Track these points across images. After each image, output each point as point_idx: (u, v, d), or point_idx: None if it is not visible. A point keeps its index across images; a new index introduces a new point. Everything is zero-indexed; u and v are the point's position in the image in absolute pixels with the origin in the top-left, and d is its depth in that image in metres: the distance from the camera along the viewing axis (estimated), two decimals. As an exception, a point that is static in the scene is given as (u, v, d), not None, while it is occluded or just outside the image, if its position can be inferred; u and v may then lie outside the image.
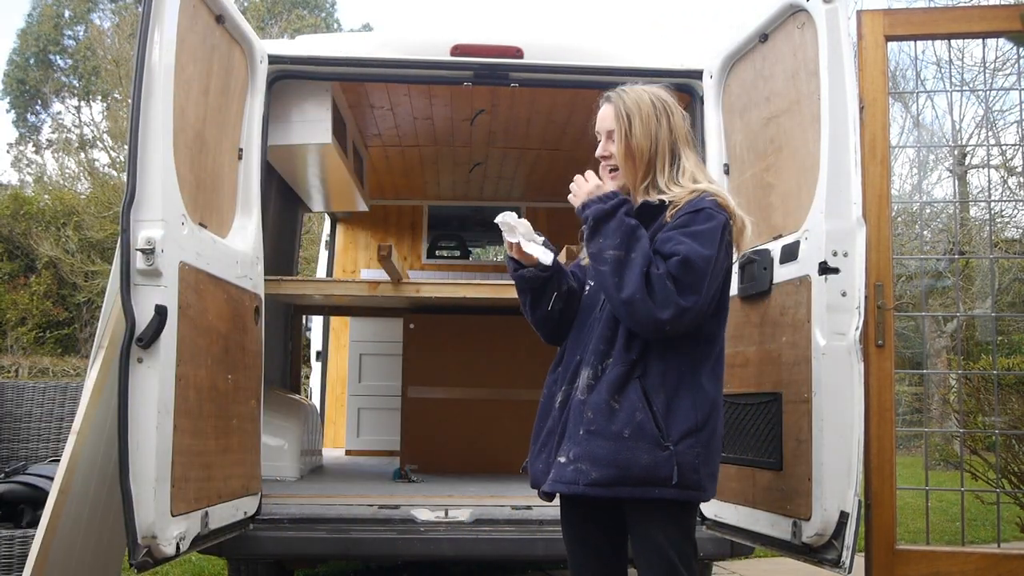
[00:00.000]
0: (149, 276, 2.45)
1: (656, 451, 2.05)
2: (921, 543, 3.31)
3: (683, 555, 2.10)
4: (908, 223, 12.91)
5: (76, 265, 16.96)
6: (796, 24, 2.79)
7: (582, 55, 3.60)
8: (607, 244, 2.11)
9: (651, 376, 2.11)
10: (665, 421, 2.08)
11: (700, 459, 2.08)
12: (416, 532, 3.17)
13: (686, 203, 2.17)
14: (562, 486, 2.15)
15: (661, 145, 2.24)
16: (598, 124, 2.33)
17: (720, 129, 3.31)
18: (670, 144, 2.25)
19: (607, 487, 2.08)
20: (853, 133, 2.56)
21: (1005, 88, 12.61)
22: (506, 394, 4.67)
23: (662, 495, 2.06)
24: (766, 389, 2.73)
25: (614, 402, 2.10)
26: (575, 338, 2.29)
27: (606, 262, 2.11)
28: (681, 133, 2.27)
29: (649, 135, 2.24)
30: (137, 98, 2.49)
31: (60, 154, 21.28)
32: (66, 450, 2.59)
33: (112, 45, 19.26)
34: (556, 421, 2.23)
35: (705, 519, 3.12)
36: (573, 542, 2.33)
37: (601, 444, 2.08)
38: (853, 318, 2.49)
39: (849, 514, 2.42)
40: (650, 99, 2.27)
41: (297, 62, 3.52)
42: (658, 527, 2.11)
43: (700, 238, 2.08)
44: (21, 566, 2.91)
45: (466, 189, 6.27)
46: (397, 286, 4.07)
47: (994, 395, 4.77)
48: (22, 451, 3.84)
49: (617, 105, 2.28)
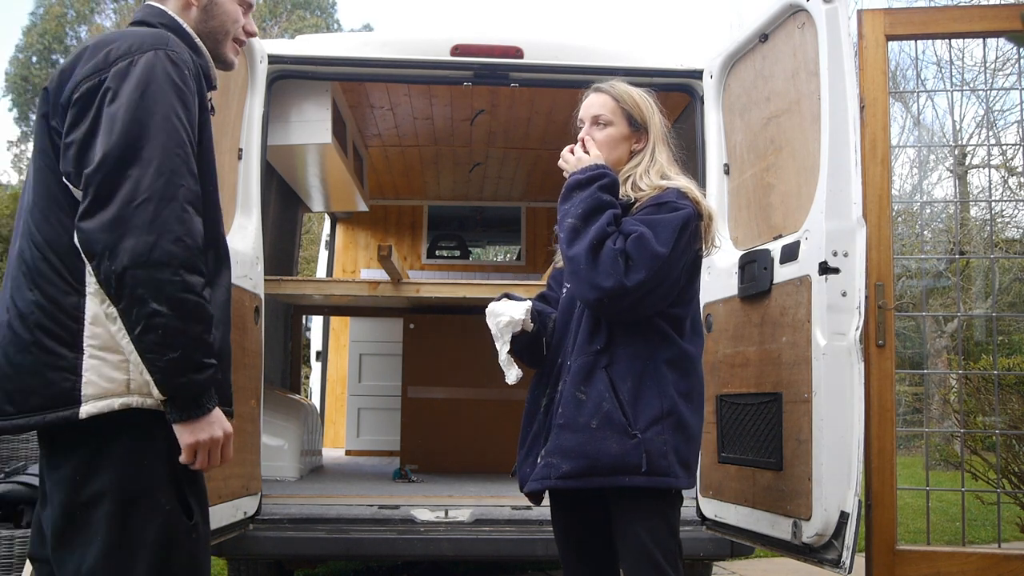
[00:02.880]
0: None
1: (624, 440, 2.07)
2: (921, 543, 3.31)
3: (666, 550, 2.10)
4: (908, 223, 12.91)
5: (76, 265, 16.94)
6: (796, 24, 2.79)
7: (582, 55, 3.60)
8: (570, 211, 2.17)
9: (617, 365, 2.13)
10: (632, 409, 2.09)
11: (668, 445, 2.09)
12: (416, 532, 3.17)
13: (650, 197, 2.21)
14: (536, 483, 2.18)
15: (643, 139, 2.32)
16: (583, 111, 2.36)
17: (720, 129, 3.31)
18: (652, 140, 2.31)
19: (578, 478, 2.09)
20: (853, 133, 2.56)
21: (1005, 88, 12.62)
22: (506, 394, 4.65)
23: (633, 483, 2.07)
24: (766, 389, 2.73)
25: (581, 393, 2.12)
26: (556, 342, 2.30)
27: (564, 228, 2.17)
28: (661, 132, 2.34)
29: (636, 127, 2.31)
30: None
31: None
32: (66, 450, 2.58)
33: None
34: (541, 424, 2.25)
35: (705, 519, 3.12)
36: (561, 540, 2.36)
37: (569, 436, 2.10)
38: (853, 318, 2.49)
39: (849, 514, 2.42)
40: (638, 94, 2.35)
41: (297, 62, 3.52)
42: (639, 521, 2.12)
43: (660, 226, 2.11)
44: (21, 566, 2.92)
45: (466, 189, 6.27)
46: (397, 286, 4.07)
47: (994, 395, 4.77)
48: (22, 451, 3.84)
49: (609, 94, 2.34)
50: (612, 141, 2.30)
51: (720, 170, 3.26)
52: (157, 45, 1.71)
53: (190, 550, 1.70)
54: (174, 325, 1.59)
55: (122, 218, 1.58)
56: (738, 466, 2.87)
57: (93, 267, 1.61)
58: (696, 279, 2.27)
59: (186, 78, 1.72)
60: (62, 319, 1.64)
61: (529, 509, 3.22)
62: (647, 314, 2.14)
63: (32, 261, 1.67)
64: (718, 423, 2.96)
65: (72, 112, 1.67)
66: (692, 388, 2.19)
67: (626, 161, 2.31)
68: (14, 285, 1.69)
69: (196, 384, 1.63)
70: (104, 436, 1.64)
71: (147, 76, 1.66)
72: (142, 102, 1.64)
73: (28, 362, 1.64)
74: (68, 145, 1.66)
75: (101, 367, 1.63)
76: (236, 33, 1.98)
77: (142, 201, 1.58)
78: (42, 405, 1.63)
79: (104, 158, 1.60)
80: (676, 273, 2.14)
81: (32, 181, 1.74)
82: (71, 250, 1.65)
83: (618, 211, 2.17)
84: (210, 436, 1.67)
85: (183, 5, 1.89)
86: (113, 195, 1.59)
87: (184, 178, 1.64)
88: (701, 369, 2.26)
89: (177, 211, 1.61)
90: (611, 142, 2.30)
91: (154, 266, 1.57)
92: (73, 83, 1.68)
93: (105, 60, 1.68)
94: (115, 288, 1.59)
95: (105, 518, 1.63)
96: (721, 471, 2.98)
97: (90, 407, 1.62)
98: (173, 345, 1.59)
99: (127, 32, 1.78)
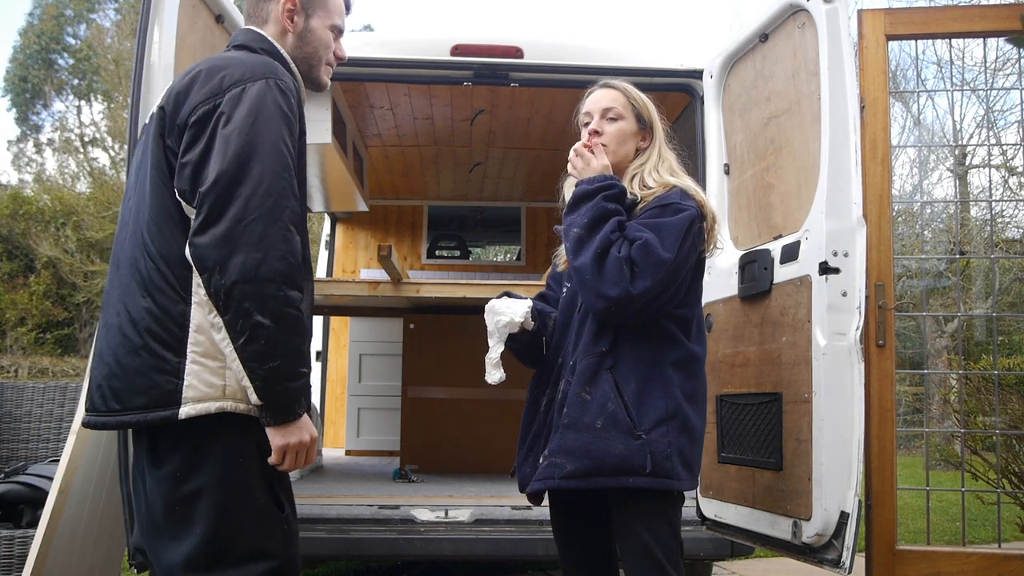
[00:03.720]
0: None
1: (629, 440, 2.06)
2: (921, 543, 3.31)
3: (668, 550, 2.10)
4: (908, 223, 12.90)
5: (75, 265, 16.96)
6: (796, 24, 2.79)
7: (582, 55, 3.60)
8: (576, 221, 2.17)
9: (622, 367, 2.13)
10: (636, 411, 2.09)
11: (673, 447, 2.09)
12: (416, 532, 3.17)
13: (655, 198, 2.21)
14: (538, 483, 2.17)
15: (648, 138, 2.33)
16: (590, 105, 2.36)
17: (720, 129, 3.31)
18: (657, 139, 2.33)
19: (582, 478, 2.09)
20: (853, 133, 2.56)
21: (1005, 88, 12.61)
22: (506, 394, 4.65)
23: (637, 484, 2.06)
24: (766, 389, 2.73)
25: (585, 394, 2.12)
26: (556, 342, 2.30)
27: (570, 238, 2.17)
28: (663, 134, 2.36)
29: (643, 125, 2.32)
30: (137, 98, 2.49)
31: (61, 153, 21.29)
32: (66, 450, 2.59)
33: (112, 44, 19.26)
34: (541, 424, 2.25)
35: (705, 519, 3.12)
36: (561, 540, 2.35)
37: (574, 436, 2.10)
38: (853, 318, 2.49)
39: (849, 514, 2.42)
40: (643, 95, 2.37)
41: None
42: (641, 521, 2.11)
43: (664, 231, 2.10)
44: (21, 566, 2.91)
45: (466, 189, 6.27)
46: (397, 286, 4.07)
47: (994, 395, 4.77)
48: (22, 451, 3.84)
49: (619, 90, 2.35)
50: (622, 135, 2.30)
51: (720, 170, 3.26)
52: (267, 74, 1.83)
53: (283, 542, 1.83)
54: (276, 337, 1.71)
55: (232, 235, 1.69)
56: (738, 466, 2.87)
57: (204, 280, 1.72)
58: (700, 279, 2.27)
59: (292, 106, 1.85)
60: (169, 326, 1.76)
61: (529, 509, 3.22)
62: (654, 317, 2.14)
63: (146, 271, 1.79)
64: (718, 423, 2.96)
65: (189, 133, 1.78)
66: (697, 390, 2.19)
67: (632, 158, 2.32)
68: (127, 292, 1.80)
69: (291, 391, 1.76)
70: (204, 436, 1.76)
71: (258, 103, 1.78)
72: (253, 128, 1.75)
73: (136, 364, 1.76)
74: (184, 165, 1.77)
75: (202, 372, 1.75)
76: (327, 58, 2.10)
77: (251, 220, 1.70)
78: (145, 404, 1.75)
79: (217, 179, 1.71)
80: (682, 276, 2.14)
81: (148, 196, 1.84)
82: (181, 262, 1.76)
83: (623, 218, 2.17)
84: (299, 440, 1.79)
85: (280, 31, 2.03)
86: (224, 214, 1.70)
87: (288, 200, 1.76)
88: (705, 370, 2.25)
89: (282, 230, 1.73)
90: (621, 136, 2.30)
91: (260, 281, 1.69)
92: (190, 106, 1.80)
93: (220, 85, 1.80)
94: (223, 300, 1.70)
95: (206, 511, 1.74)
96: (721, 471, 2.97)
97: (189, 408, 1.74)
98: (274, 355, 1.71)
99: (237, 58, 1.89)
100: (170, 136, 1.82)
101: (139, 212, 1.85)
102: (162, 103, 1.85)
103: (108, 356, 1.80)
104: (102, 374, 1.81)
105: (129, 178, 1.99)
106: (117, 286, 1.85)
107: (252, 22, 2.05)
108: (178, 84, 1.86)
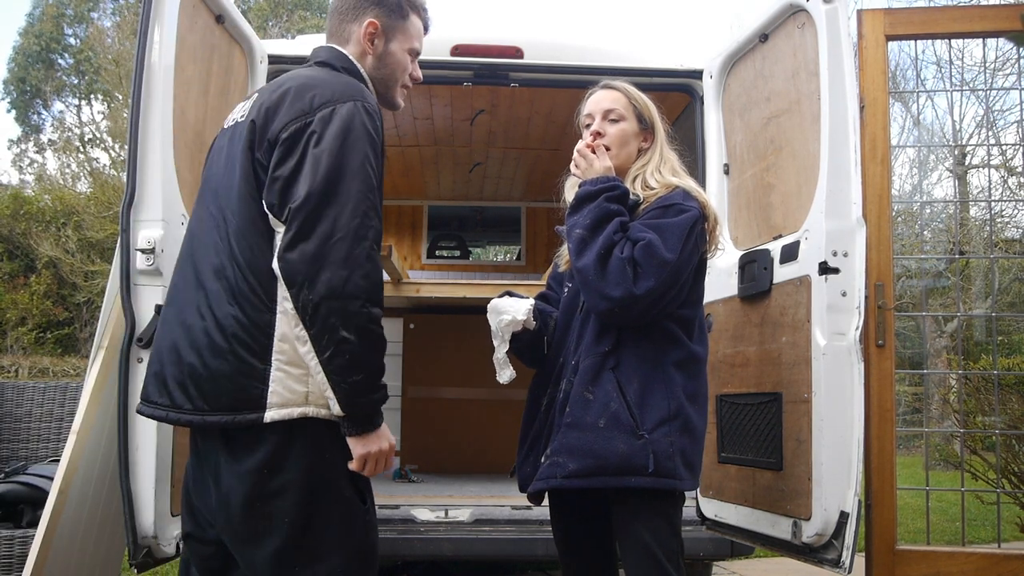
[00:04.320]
0: (149, 276, 2.45)
1: (632, 440, 2.06)
2: (921, 543, 3.31)
3: (668, 550, 2.10)
4: (908, 223, 12.91)
5: (76, 265, 16.95)
6: (796, 24, 2.79)
7: (582, 55, 3.60)
8: (579, 222, 2.17)
9: (624, 367, 2.13)
10: (639, 411, 2.09)
11: (675, 447, 2.09)
12: (416, 532, 3.17)
13: (658, 198, 2.21)
14: (540, 482, 2.17)
15: (650, 138, 2.34)
16: (592, 106, 2.36)
17: (720, 129, 3.31)
18: (659, 140, 2.33)
19: (584, 478, 2.09)
20: (853, 133, 2.56)
21: (1005, 88, 12.62)
22: (506, 394, 4.66)
23: (639, 484, 2.06)
24: (766, 389, 2.73)
25: (588, 393, 2.12)
26: (557, 341, 2.30)
27: (572, 239, 2.17)
28: (664, 135, 2.36)
29: (644, 125, 2.33)
30: (137, 98, 2.49)
31: (61, 153, 21.28)
32: (66, 450, 2.59)
33: (112, 45, 19.25)
34: (542, 424, 2.25)
35: (705, 519, 3.12)
36: (561, 540, 2.35)
37: (577, 435, 2.10)
38: (853, 318, 2.49)
39: (849, 514, 2.42)
40: (644, 96, 2.37)
41: (297, 62, 3.49)
42: (641, 520, 2.11)
43: (667, 231, 2.11)
44: (21, 566, 2.92)
45: (466, 189, 6.27)
46: (397, 286, 4.07)
47: (994, 395, 4.77)
48: (22, 451, 3.84)
49: (620, 91, 2.35)
50: (624, 136, 2.31)
51: (720, 170, 3.27)
52: (355, 96, 1.90)
53: (367, 532, 1.91)
54: (359, 352, 1.77)
55: (321, 253, 1.76)
56: (738, 466, 2.87)
57: (292, 294, 1.78)
58: (702, 280, 2.27)
59: (377, 127, 1.91)
60: (256, 334, 1.82)
61: (529, 509, 3.22)
62: (656, 318, 2.14)
63: (234, 279, 1.85)
64: (718, 423, 2.96)
65: (280, 150, 1.84)
66: (698, 390, 2.19)
67: (634, 159, 2.32)
68: (214, 298, 1.86)
69: (372, 404, 1.83)
70: (289, 433, 1.82)
71: (347, 124, 1.84)
72: (342, 148, 1.82)
73: (223, 368, 1.82)
74: (274, 180, 1.83)
75: (286, 379, 1.81)
76: (404, 81, 2.17)
77: (338, 239, 1.76)
78: (232, 406, 1.81)
79: (308, 197, 1.78)
80: (685, 275, 2.14)
81: (235, 205, 1.89)
82: (267, 273, 1.82)
83: (626, 218, 2.17)
84: (379, 448, 1.86)
85: (361, 52, 2.09)
86: (313, 231, 1.76)
87: (372, 220, 1.82)
88: (706, 371, 2.25)
89: (367, 249, 1.79)
90: (623, 137, 2.30)
91: (346, 298, 1.75)
92: (280, 123, 1.86)
93: (310, 105, 1.86)
94: (310, 315, 1.76)
95: (293, 507, 1.80)
96: (721, 471, 2.98)
97: (273, 413, 1.81)
98: (357, 369, 1.78)
99: (324, 78, 1.96)
100: (259, 149, 1.87)
101: (223, 218, 1.90)
102: (252, 116, 1.91)
103: (190, 356, 1.84)
104: (182, 372, 1.86)
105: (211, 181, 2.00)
106: (195, 287, 1.90)
107: (333, 40, 2.11)
108: (268, 99, 1.92)
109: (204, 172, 2.09)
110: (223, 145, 2.01)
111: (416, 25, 2.16)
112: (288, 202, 1.80)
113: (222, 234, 1.90)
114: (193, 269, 1.93)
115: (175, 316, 1.92)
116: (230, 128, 2.01)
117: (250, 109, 1.95)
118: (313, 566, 1.81)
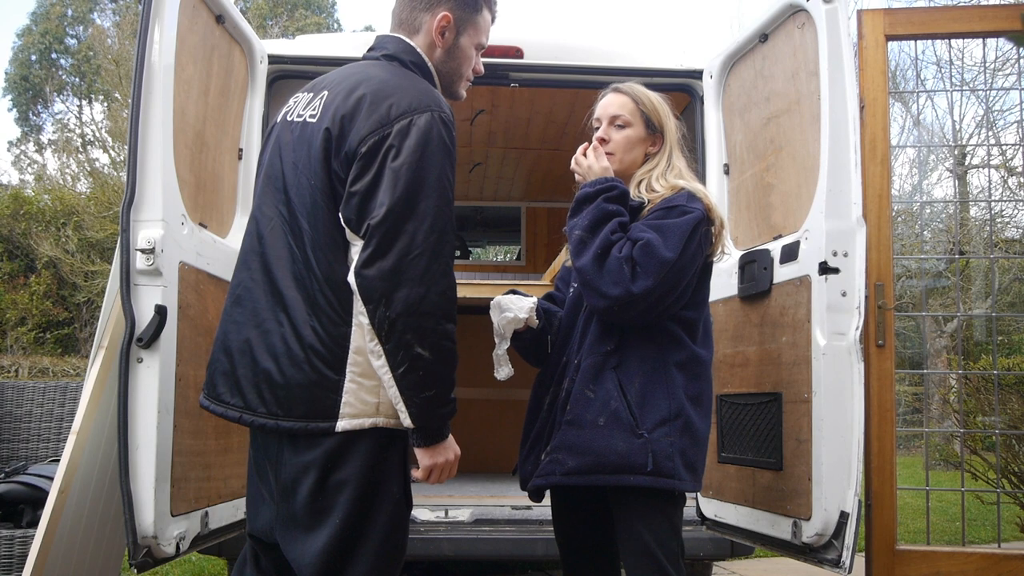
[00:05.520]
0: (149, 276, 2.45)
1: (631, 439, 2.07)
2: (921, 543, 3.31)
3: (668, 550, 2.10)
4: (908, 223, 12.91)
5: (76, 265, 16.95)
6: (796, 24, 2.79)
7: (582, 55, 3.60)
8: (578, 224, 2.18)
9: (626, 366, 2.13)
10: (639, 410, 2.09)
11: (675, 447, 2.09)
12: (416, 532, 3.17)
13: (661, 200, 2.21)
14: (539, 479, 2.18)
15: (659, 143, 2.32)
16: (601, 110, 2.36)
17: (720, 129, 3.31)
18: (668, 145, 2.31)
19: (583, 475, 2.09)
20: (853, 133, 2.56)
21: (1005, 88, 12.62)
22: (506, 394, 4.67)
23: (637, 482, 2.07)
24: (766, 389, 2.73)
25: (589, 391, 2.13)
26: (561, 341, 2.30)
27: (572, 241, 2.19)
28: (676, 138, 2.34)
29: (652, 130, 2.31)
30: (137, 98, 2.49)
31: (61, 154, 21.28)
32: (66, 450, 2.59)
33: (112, 45, 19.25)
34: (544, 422, 2.25)
35: (705, 519, 3.12)
36: (561, 539, 2.35)
37: (576, 433, 2.11)
38: (853, 318, 2.49)
39: (849, 514, 2.42)
40: (656, 98, 2.35)
41: (297, 62, 3.52)
42: (641, 519, 2.12)
43: (668, 231, 2.10)
44: (21, 566, 2.92)
45: (466, 189, 6.27)
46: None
47: (994, 395, 4.77)
48: (22, 451, 3.84)
49: (628, 95, 2.34)
50: (629, 143, 2.30)
51: (720, 170, 3.27)
52: (431, 105, 1.88)
53: (405, 533, 1.96)
54: (433, 368, 1.82)
55: (398, 270, 1.76)
56: (738, 466, 2.87)
57: (368, 310, 1.78)
58: (707, 282, 2.26)
59: (453, 137, 1.91)
60: (331, 346, 1.84)
61: (529, 509, 3.22)
62: (660, 319, 2.13)
63: (312, 291, 1.86)
64: (718, 423, 2.96)
65: (358, 165, 1.83)
66: (702, 392, 2.19)
67: (640, 163, 2.31)
68: (292, 306, 1.87)
69: (441, 417, 1.89)
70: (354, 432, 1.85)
71: (425, 137, 1.83)
72: (420, 163, 1.81)
73: (299, 377, 1.84)
74: (352, 194, 1.83)
75: (359, 391, 1.84)
76: (467, 74, 2.18)
77: (416, 255, 1.77)
78: (306, 414, 1.84)
79: (387, 213, 1.77)
80: (688, 277, 2.13)
81: (311, 216, 1.89)
82: (343, 286, 1.83)
83: (625, 218, 2.17)
84: (445, 459, 1.95)
85: (430, 44, 2.07)
86: (392, 247, 1.77)
87: (449, 235, 1.84)
88: (710, 373, 2.25)
89: (443, 266, 1.82)
90: (628, 144, 2.30)
91: (422, 315, 1.78)
92: (358, 135, 1.84)
93: (387, 116, 1.84)
94: (386, 331, 1.78)
95: (348, 502, 1.84)
96: (721, 471, 2.98)
97: (345, 423, 1.84)
98: (430, 385, 1.82)
99: (400, 83, 1.93)
100: (336, 160, 1.86)
101: (298, 226, 1.90)
102: (327, 124, 1.88)
103: (266, 361, 1.86)
104: (257, 375, 1.87)
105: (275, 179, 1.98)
106: (270, 292, 1.90)
107: (401, 30, 2.08)
108: (342, 104, 1.89)
109: (264, 164, 2.06)
110: (289, 141, 1.97)
111: (486, 19, 2.15)
112: (366, 218, 1.79)
113: (299, 242, 1.89)
114: (264, 271, 1.93)
115: (248, 317, 1.92)
116: (297, 125, 1.97)
117: (321, 111, 1.92)
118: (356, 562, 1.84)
